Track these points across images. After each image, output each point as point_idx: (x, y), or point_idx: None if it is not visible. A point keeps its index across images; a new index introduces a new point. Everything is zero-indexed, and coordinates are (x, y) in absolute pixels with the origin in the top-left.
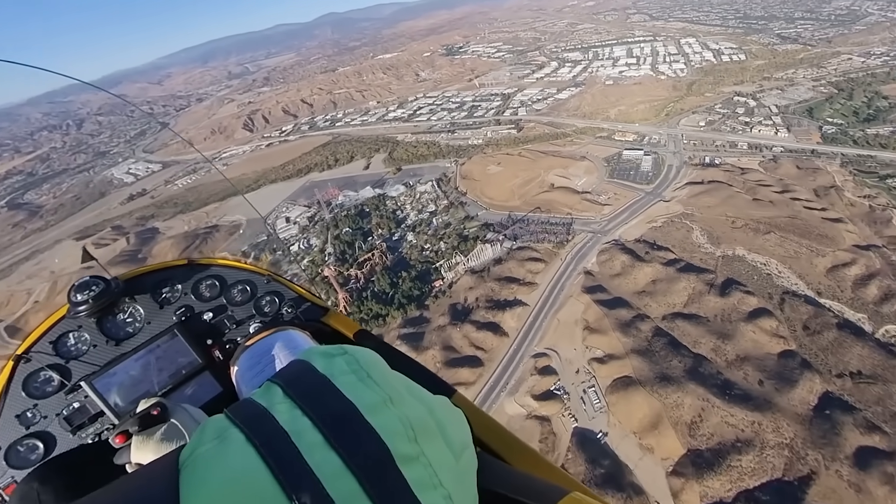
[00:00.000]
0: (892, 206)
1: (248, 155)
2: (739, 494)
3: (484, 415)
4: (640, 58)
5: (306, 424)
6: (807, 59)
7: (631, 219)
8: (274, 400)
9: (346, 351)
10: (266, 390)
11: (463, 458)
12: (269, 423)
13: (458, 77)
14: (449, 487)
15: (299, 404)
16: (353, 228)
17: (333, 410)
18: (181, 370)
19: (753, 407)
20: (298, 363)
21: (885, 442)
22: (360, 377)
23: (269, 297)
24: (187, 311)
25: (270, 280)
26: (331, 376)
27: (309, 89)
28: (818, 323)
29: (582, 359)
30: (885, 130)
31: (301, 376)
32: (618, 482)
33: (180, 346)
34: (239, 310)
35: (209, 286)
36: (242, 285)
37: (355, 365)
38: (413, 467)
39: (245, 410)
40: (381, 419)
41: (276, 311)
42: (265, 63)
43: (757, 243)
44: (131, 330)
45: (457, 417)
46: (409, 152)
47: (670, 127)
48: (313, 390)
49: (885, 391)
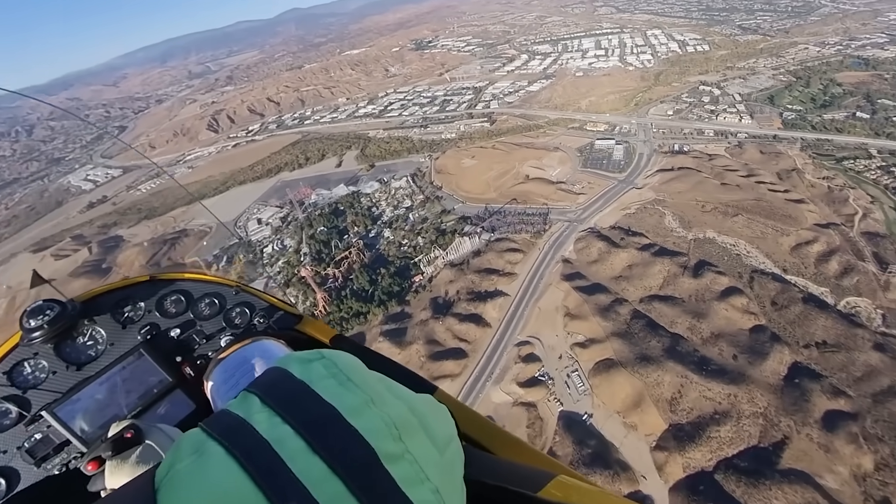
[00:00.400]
0: (849, 186)
1: (215, 156)
2: (719, 463)
3: (467, 409)
4: (609, 49)
5: (287, 432)
6: (766, 49)
7: (605, 206)
8: (252, 409)
9: (323, 355)
10: (243, 400)
11: (448, 452)
12: (248, 434)
13: (429, 71)
14: (436, 481)
15: (278, 412)
16: (328, 227)
17: (314, 415)
18: (151, 390)
19: (729, 380)
20: (275, 370)
21: (849, 405)
22: (340, 380)
23: (239, 309)
24: (153, 328)
25: (239, 291)
26: (309, 381)
27: (275, 87)
28: (785, 298)
29: (564, 344)
30: (840, 116)
31: (278, 383)
32: (605, 460)
33: (147, 366)
34: (208, 324)
35: (174, 302)
36: (210, 298)
37: (334, 368)
38: (399, 465)
39: (222, 422)
40: (363, 420)
41: (248, 323)
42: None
43: (726, 226)
44: (93, 353)
45: (440, 413)
46: (382, 148)
47: (640, 116)
48: (292, 396)
49: (848, 358)
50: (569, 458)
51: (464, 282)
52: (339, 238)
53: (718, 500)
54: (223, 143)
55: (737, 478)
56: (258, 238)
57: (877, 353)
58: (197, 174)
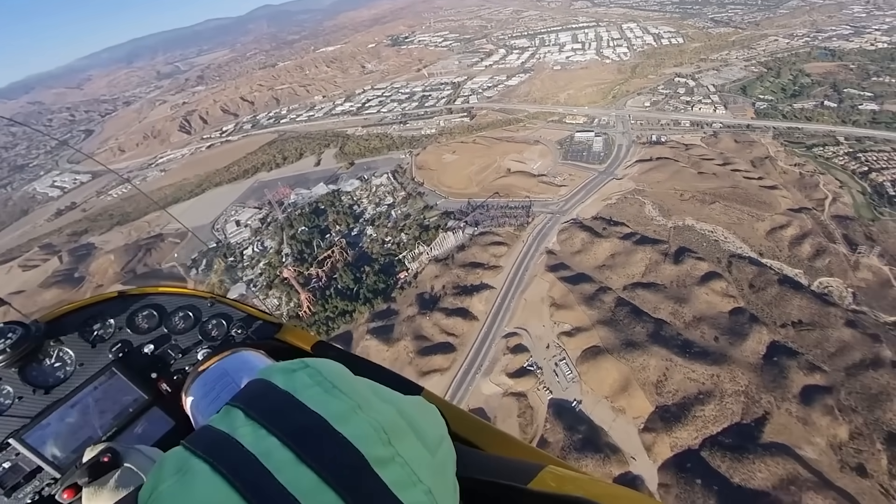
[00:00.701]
0: (819, 172)
1: (188, 158)
2: (705, 440)
3: (455, 408)
4: (585, 43)
5: (274, 444)
6: (738, 42)
7: (587, 198)
8: (236, 423)
9: (307, 364)
10: (226, 414)
11: (440, 452)
12: (233, 448)
13: (406, 67)
14: (428, 482)
15: (263, 424)
16: (308, 227)
17: (301, 425)
18: (126, 409)
19: (711, 361)
20: (258, 382)
21: (824, 379)
22: (326, 388)
23: (216, 321)
24: (124, 346)
25: (214, 302)
26: (294, 391)
27: (248, 86)
28: (762, 281)
29: (551, 334)
30: (809, 105)
31: (262, 395)
32: (595, 444)
33: (121, 385)
34: (183, 338)
35: (146, 317)
36: (184, 312)
37: (319, 377)
38: (390, 469)
39: (206, 438)
40: (351, 427)
41: (225, 334)
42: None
43: (704, 213)
44: (61, 375)
45: (430, 414)
46: (361, 146)
47: (618, 108)
48: (277, 408)
49: (822, 335)
50: (560, 444)
51: (449, 276)
52: (320, 237)
53: (705, 476)
54: (196, 145)
55: (722, 454)
56: (237, 240)
57: (848, 330)
58: (170, 177)
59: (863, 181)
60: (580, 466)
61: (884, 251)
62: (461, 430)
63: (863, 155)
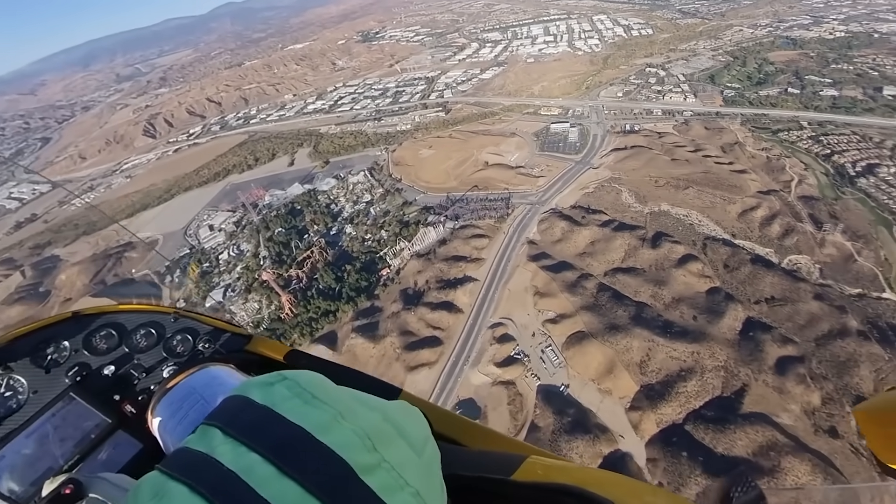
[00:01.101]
0: (785, 155)
1: (155, 163)
2: (689, 415)
3: (436, 407)
4: (557, 35)
5: (255, 459)
6: (705, 32)
7: (565, 187)
8: (214, 442)
9: (285, 377)
10: (202, 434)
11: (425, 453)
12: (212, 468)
13: (378, 63)
14: (416, 484)
15: (243, 440)
16: (285, 228)
17: (281, 439)
18: (88, 435)
19: (691, 340)
20: (234, 399)
21: (796, 350)
22: (305, 399)
23: (181, 336)
24: (82, 368)
25: (178, 317)
26: (272, 405)
27: (214, 87)
28: (735, 261)
29: (536, 322)
30: (774, 92)
31: (240, 412)
32: (584, 426)
33: (81, 409)
34: (146, 356)
35: (104, 337)
36: (146, 329)
37: (297, 388)
38: (376, 474)
39: (182, 460)
40: (334, 436)
41: (191, 350)
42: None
43: (678, 198)
44: (14, 404)
45: (413, 416)
46: (336, 144)
47: (591, 99)
48: (256, 423)
49: (793, 309)
50: (550, 429)
51: (432, 271)
52: (298, 238)
53: (691, 448)
54: (163, 149)
55: (705, 426)
56: (212, 245)
57: (817, 303)
58: (137, 183)
59: (825, 163)
60: (571, 448)
61: (846, 228)
62: (443, 428)
63: (825, 138)
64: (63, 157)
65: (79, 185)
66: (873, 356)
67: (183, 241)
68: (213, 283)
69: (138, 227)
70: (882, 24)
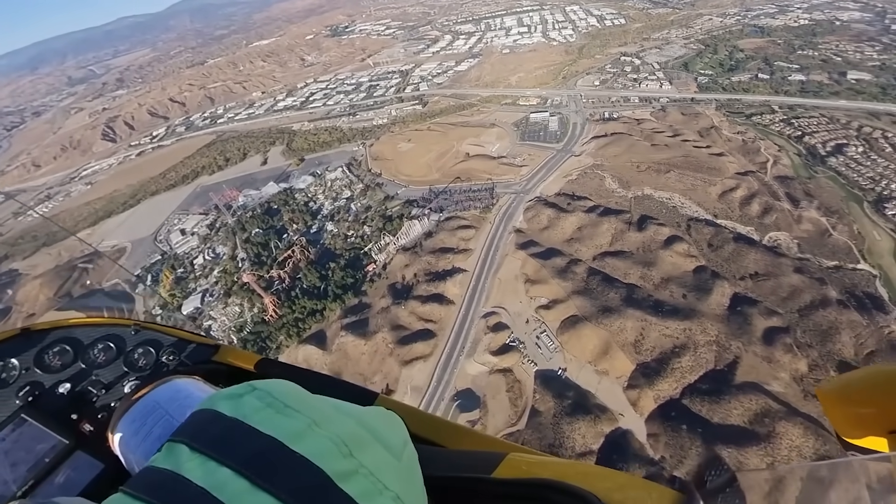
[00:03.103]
0: (759, 138)
1: (117, 168)
2: (685, 389)
3: (416, 411)
4: (531, 26)
5: (226, 474)
6: (677, 21)
7: (548, 176)
8: (181, 459)
9: (254, 387)
10: (168, 452)
11: (404, 456)
12: (181, 486)
13: (350, 58)
14: (395, 488)
15: (212, 455)
16: (263, 228)
17: (253, 451)
18: (43, 458)
19: (682, 317)
20: (201, 413)
21: (781, 321)
22: (277, 409)
23: (142, 349)
24: (34, 388)
25: (139, 329)
26: (243, 417)
27: (177, 87)
28: (719, 240)
29: (529, 309)
30: (745, 78)
31: (207, 426)
32: (584, 407)
33: (34, 431)
34: (105, 371)
35: (58, 353)
36: (104, 343)
37: (269, 398)
38: (354, 481)
39: (147, 480)
40: (308, 444)
41: (154, 363)
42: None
43: (660, 182)
44: None
45: (390, 420)
46: (310, 141)
47: (569, 88)
48: (225, 436)
49: (776, 283)
50: (552, 412)
51: (420, 264)
52: (277, 238)
53: (689, 421)
54: (124, 153)
55: (701, 399)
56: (185, 250)
57: (797, 276)
58: (98, 190)
59: (798, 144)
60: (574, 430)
61: (821, 204)
62: (421, 430)
63: (796, 121)
64: (15, 166)
65: (34, 194)
66: (853, 323)
67: (153, 248)
68: (189, 289)
69: (103, 235)
70: (843, 12)
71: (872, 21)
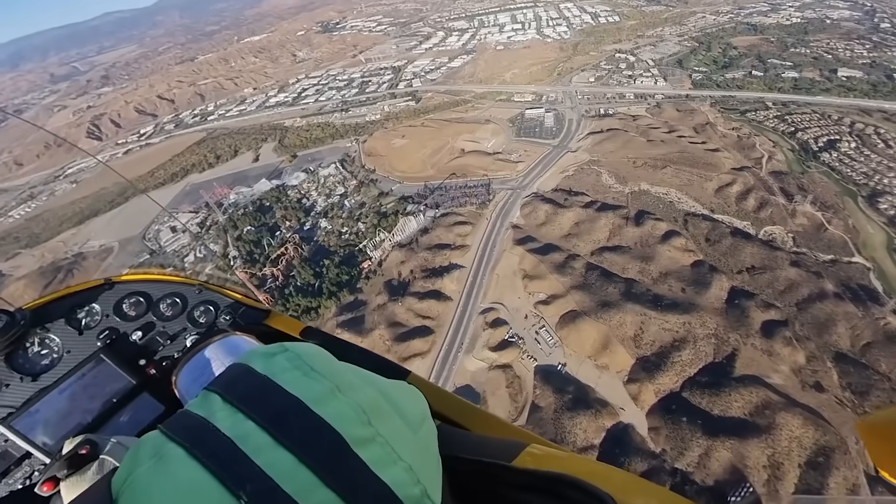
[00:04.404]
0: (754, 134)
1: (103, 166)
2: (685, 382)
3: (442, 391)
4: (525, 23)
5: (251, 427)
6: (670, 19)
7: (545, 172)
8: (213, 408)
9: (286, 348)
10: (203, 399)
11: (422, 430)
12: (209, 433)
13: (341, 54)
14: (408, 459)
15: (240, 408)
16: (255, 226)
17: (278, 408)
18: (115, 396)
19: (682, 311)
20: (236, 367)
21: (779, 314)
22: (304, 371)
23: (203, 308)
24: (112, 333)
25: (202, 289)
26: (272, 375)
27: (165, 83)
28: (716, 234)
29: (528, 305)
30: (739, 74)
31: (240, 379)
32: (585, 402)
33: (110, 371)
34: (171, 324)
35: (133, 304)
36: (171, 299)
37: (297, 360)
38: (369, 448)
39: (181, 423)
40: (329, 409)
41: (213, 321)
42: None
43: (657, 177)
44: (48, 362)
45: (412, 394)
46: (302, 137)
47: (564, 85)
48: (254, 392)
49: (772, 276)
50: (552, 407)
51: (416, 261)
52: (270, 236)
53: (689, 414)
54: (111, 151)
55: (701, 392)
56: (175, 248)
57: (794, 269)
58: (84, 188)
59: (791, 140)
60: (575, 425)
61: (815, 199)
62: (448, 411)
63: (789, 117)
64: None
65: (17, 193)
66: (849, 315)
67: (142, 247)
68: None
69: (89, 234)
70: (833, 10)
71: (862, 20)
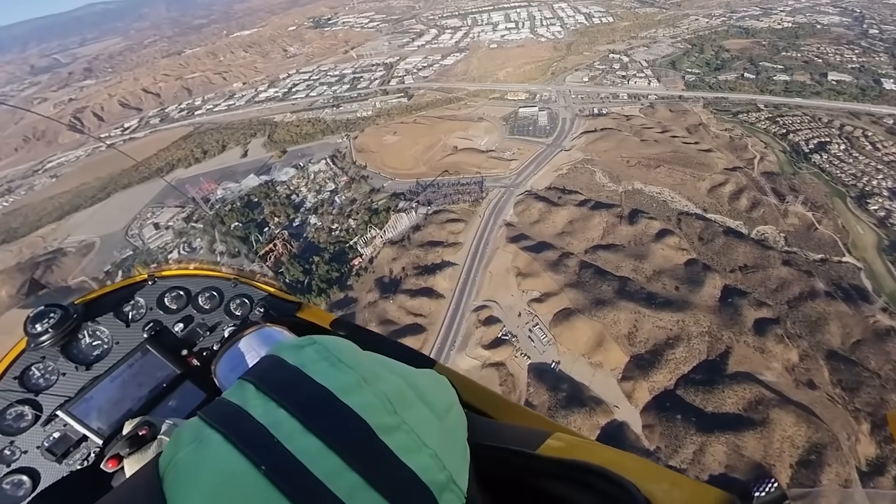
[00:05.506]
0: (746, 135)
1: (85, 160)
2: (679, 380)
3: (469, 380)
4: (519, 22)
5: (282, 415)
6: (664, 20)
7: (538, 170)
8: (247, 396)
9: (314, 341)
10: (238, 388)
11: (448, 418)
12: (244, 420)
13: (333, 50)
14: (434, 446)
15: (273, 397)
16: (242, 222)
17: (307, 397)
18: (160, 384)
19: (675, 309)
20: (268, 358)
21: (771, 312)
22: (332, 363)
23: (239, 300)
24: (156, 325)
25: (238, 283)
26: (301, 366)
27: (151, 77)
28: (709, 233)
29: (521, 303)
30: (731, 77)
31: (272, 370)
32: (580, 400)
33: (155, 361)
34: (209, 316)
35: (174, 298)
36: (209, 292)
37: (325, 352)
38: (395, 435)
39: (218, 410)
40: (356, 398)
41: (248, 313)
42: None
43: (650, 177)
44: (99, 353)
45: (438, 383)
46: (292, 132)
47: (557, 84)
48: (285, 381)
49: (765, 275)
50: (546, 405)
51: (408, 258)
52: (258, 232)
53: (683, 411)
54: (94, 145)
55: (695, 389)
56: (159, 245)
57: (785, 268)
58: (65, 183)
59: (783, 142)
60: (569, 423)
61: (806, 199)
62: (474, 400)
63: (780, 119)
64: None
65: None
66: (840, 313)
67: (124, 243)
68: None
69: (69, 229)
70: (823, 16)
71: (851, 25)
